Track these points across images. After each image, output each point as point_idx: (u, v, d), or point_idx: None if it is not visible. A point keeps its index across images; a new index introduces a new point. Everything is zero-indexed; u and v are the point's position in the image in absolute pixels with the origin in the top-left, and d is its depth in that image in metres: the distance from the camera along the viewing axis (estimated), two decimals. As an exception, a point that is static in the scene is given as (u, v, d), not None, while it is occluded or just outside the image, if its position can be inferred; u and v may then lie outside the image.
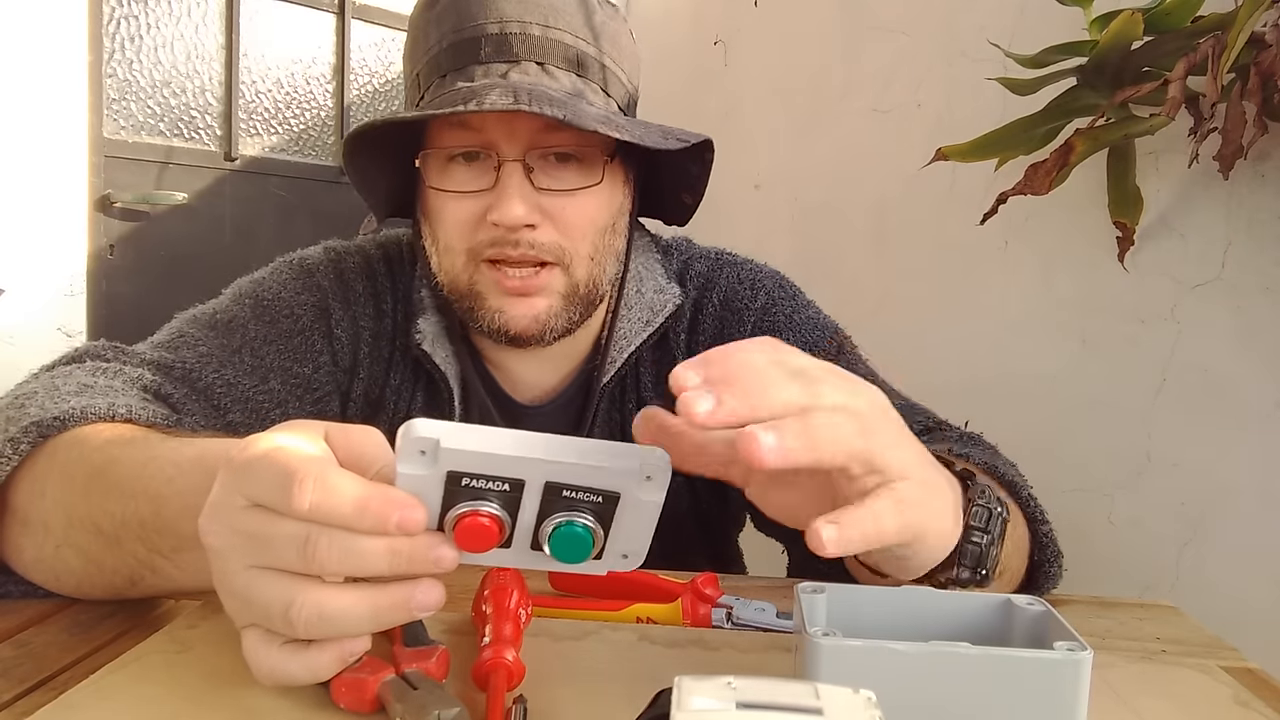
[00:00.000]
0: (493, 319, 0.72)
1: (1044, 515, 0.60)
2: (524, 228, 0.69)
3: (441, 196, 0.71)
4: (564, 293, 0.72)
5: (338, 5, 2.42)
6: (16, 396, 0.59)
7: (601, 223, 0.74)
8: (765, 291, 0.82)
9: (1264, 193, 1.23)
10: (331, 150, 2.46)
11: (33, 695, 0.43)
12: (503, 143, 0.69)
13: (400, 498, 0.37)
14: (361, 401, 0.80)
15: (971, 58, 1.64)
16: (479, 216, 0.70)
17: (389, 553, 0.37)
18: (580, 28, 0.73)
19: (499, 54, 0.70)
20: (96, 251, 2.05)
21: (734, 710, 0.27)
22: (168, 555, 0.49)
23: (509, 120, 0.68)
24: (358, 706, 0.40)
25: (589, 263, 0.73)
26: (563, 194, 0.70)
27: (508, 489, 0.38)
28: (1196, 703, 0.47)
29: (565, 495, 0.39)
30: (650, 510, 0.40)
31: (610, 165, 0.73)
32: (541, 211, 0.70)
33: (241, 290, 0.78)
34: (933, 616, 0.43)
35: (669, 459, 0.39)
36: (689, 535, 0.84)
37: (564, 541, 0.39)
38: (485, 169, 0.70)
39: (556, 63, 0.71)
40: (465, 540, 0.38)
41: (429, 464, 0.37)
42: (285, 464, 0.37)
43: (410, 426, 0.37)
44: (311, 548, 0.36)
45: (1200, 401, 1.31)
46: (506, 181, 0.68)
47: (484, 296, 0.72)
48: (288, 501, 0.36)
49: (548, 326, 0.72)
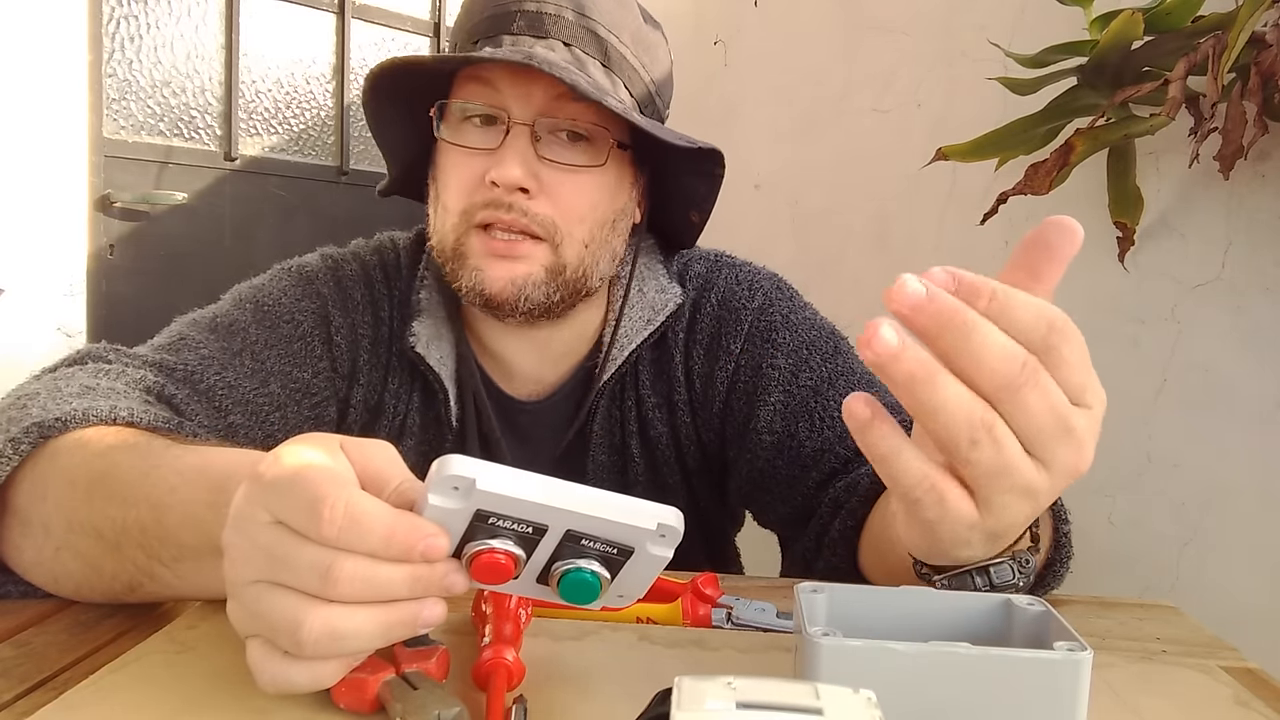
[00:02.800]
0: (471, 277, 0.72)
1: (1067, 515, 0.60)
2: (518, 191, 0.70)
3: (451, 152, 0.73)
4: (548, 267, 0.73)
5: (338, 5, 2.42)
6: (19, 397, 0.59)
7: (601, 212, 0.74)
8: (762, 292, 0.82)
9: (1264, 193, 1.23)
10: (331, 150, 2.46)
11: (33, 695, 0.43)
12: (515, 106, 0.71)
13: (427, 528, 0.37)
14: (361, 408, 0.80)
15: (971, 58, 1.64)
16: (479, 176, 0.71)
17: (411, 579, 0.38)
18: (617, 25, 0.75)
19: (531, 29, 0.72)
20: (96, 251, 2.05)
21: (734, 710, 0.27)
22: (168, 564, 0.49)
23: (524, 85, 0.70)
24: (358, 706, 0.40)
25: (581, 248, 0.74)
26: (564, 168, 0.72)
27: (530, 531, 0.39)
28: (1196, 703, 0.47)
29: (582, 543, 0.40)
30: (658, 564, 0.41)
31: (616, 154, 0.74)
32: (539, 181, 0.71)
33: (242, 295, 0.78)
34: (933, 616, 0.43)
35: (683, 518, 0.40)
36: (689, 535, 0.84)
37: (573, 586, 0.41)
38: (497, 132, 0.72)
39: (585, 48, 0.73)
40: (481, 574, 0.39)
41: (460, 499, 0.37)
42: (314, 487, 0.36)
43: (447, 462, 0.37)
44: (335, 575, 0.36)
45: (1200, 401, 1.31)
46: (511, 143, 0.70)
47: (467, 257, 0.73)
48: (316, 527, 0.36)
49: (524, 293, 0.72)
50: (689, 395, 0.81)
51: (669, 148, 0.73)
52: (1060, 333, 0.37)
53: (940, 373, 0.37)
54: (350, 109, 2.47)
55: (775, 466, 0.76)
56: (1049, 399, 0.37)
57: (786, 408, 0.77)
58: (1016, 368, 0.37)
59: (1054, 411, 0.38)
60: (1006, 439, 0.38)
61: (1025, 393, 0.37)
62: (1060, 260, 0.40)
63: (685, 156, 0.75)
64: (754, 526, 0.87)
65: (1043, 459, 0.39)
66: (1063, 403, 0.38)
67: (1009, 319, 0.37)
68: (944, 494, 0.39)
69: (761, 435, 0.77)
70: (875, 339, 0.35)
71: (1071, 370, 0.38)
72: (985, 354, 0.36)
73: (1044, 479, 0.39)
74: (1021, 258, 0.41)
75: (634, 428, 0.81)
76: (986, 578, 0.46)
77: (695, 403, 0.81)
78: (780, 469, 0.76)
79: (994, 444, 0.37)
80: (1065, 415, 0.38)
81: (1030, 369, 0.37)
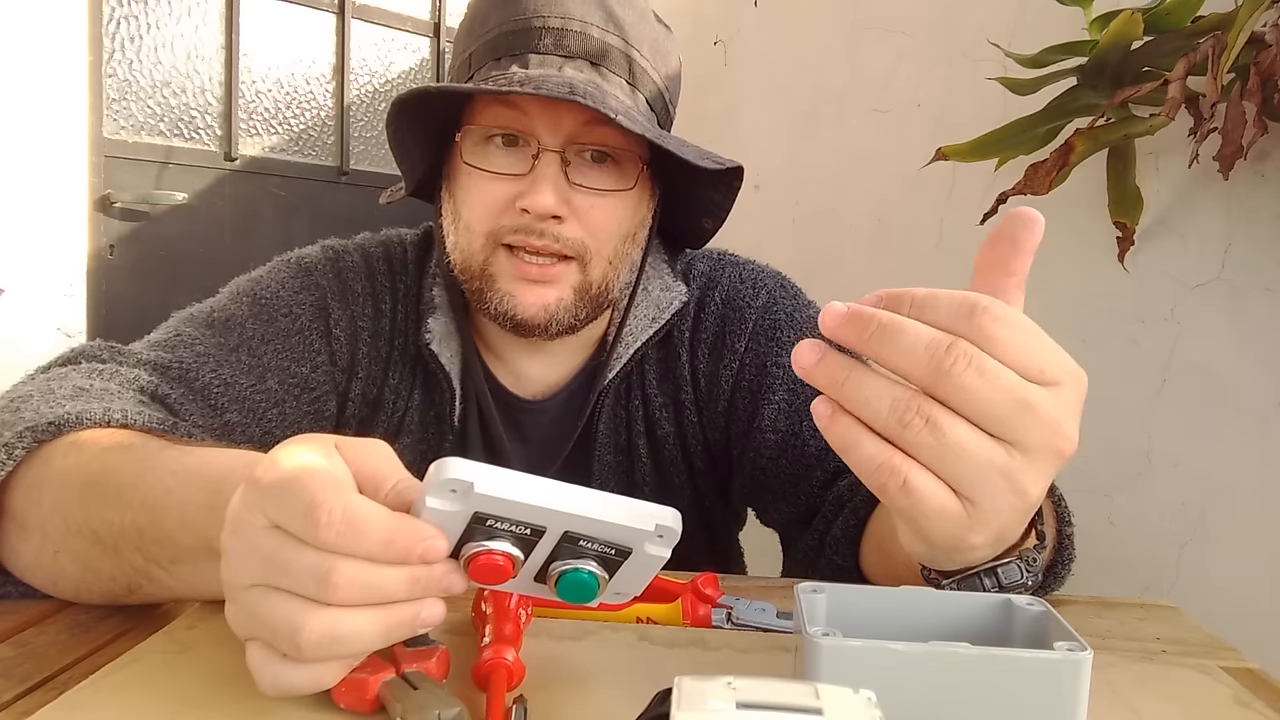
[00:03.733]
0: (502, 302, 0.72)
1: (1070, 518, 0.60)
2: (550, 219, 0.70)
3: (474, 175, 0.72)
4: (576, 288, 0.73)
5: (338, 5, 2.42)
6: (12, 399, 0.59)
7: (625, 229, 0.75)
8: (767, 291, 0.82)
9: (1264, 193, 1.23)
10: (331, 150, 2.46)
11: (33, 695, 0.43)
12: (544, 132, 0.70)
13: (425, 530, 0.37)
14: (360, 401, 0.80)
15: (971, 58, 1.64)
16: (508, 201, 0.71)
17: (409, 581, 0.38)
18: (639, 40, 0.74)
19: (557, 48, 0.71)
20: (96, 251, 2.05)
21: (734, 710, 0.27)
22: (165, 566, 0.49)
23: (555, 110, 0.70)
24: (358, 706, 0.40)
25: (606, 265, 0.74)
26: (594, 193, 0.72)
27: (528, 533, 0.39)
28: (1196, 703, 0.47)
29: (580, 544, 0.40)
30: (655, 564, 0.41)
31: (642, 174, 0.74)
32: (570, 206, 0.71)
33: (239, 289, 0.78)
34: (933, 616, 0.43)
35: (680, 519, 0.41)
36: (690, 534, 0.84)
37: (571, 586, 0.41)
38: (523, 156, 0.71)
39: (610, 66, 0.73)
40: (479, 575, 0.39)
41: (458, 502, 0.37)
42: (310, 491, 0.36)
43: (444, 465, 0.37)
44: (333, 580, 0.36)
45: (1200, 401, 1.31)
46: (542, 170, 0.70)
47: (496, 280, 0.73)
48: (312, 532, 0.36)
49: (555, 318, 0.73)
50: (694, 394, 0.81)
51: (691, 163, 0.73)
52: (986, 314, 0.38)
53: (856, 368, 0.39)
54: (350, 109, 2.47)
55: (779, 465, 0.76)
56: (990, 377, 0.38)
57: (791, 406, 0.77)
58: (941, 352, 0.38)
59: (1002, 389, 0.38)
60: (947, 421, 0.38)
61: (958, 373, 0.37)
62: (1026, 251, 0.41)
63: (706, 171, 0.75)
64: (756, 526, 0.87)
65: (1010, 440, 0.39)
66: (1014, 381, 0.38)
67: (931, 314, 0.38)
68: (905, 474, 0.39)
69: (766, 434, 0.77)
70: (797, 355, 0.40)
71: (1012, 349, 0.38)
72: (907, 345, 0.38)
73: (1018, 460, 0.39)
74: (990, 254, 0.42)
75: (640, 427, 0.81)
76: (995, 579, 0.46)
77: (701, 402, 0.81)
78: (784, 468, 0.76)
79: (930, 426, 0.38)
80: (1020, 393, 0.38)
81: (958, 351, 0.37)
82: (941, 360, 0.37)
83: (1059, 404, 0.39)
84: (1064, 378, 0.39)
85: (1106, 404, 1.41)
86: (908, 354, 0.38)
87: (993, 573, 0.46)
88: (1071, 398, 0.39)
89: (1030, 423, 0.38)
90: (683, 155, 0.71)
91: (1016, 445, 0.39)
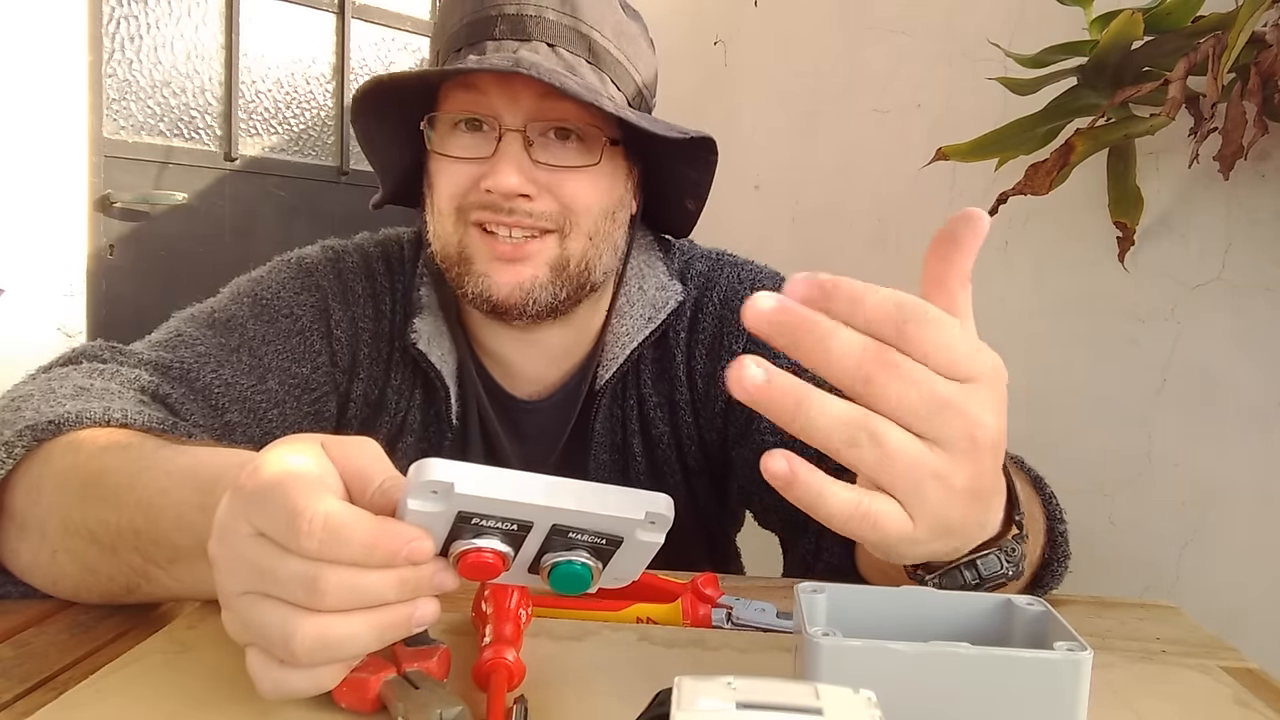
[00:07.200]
0: (478, 284, 0.73)
1: (1062, 515, 0.60)
2: (520, 197, 0.70)
3: (441, 161, 0.73)
4: (553, 264, 0.73)
5: (338, 5, 2.42)
6: (12, 399, 0.59)
7: (600, 206, 0.74)
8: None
9: (1264, 193, 1.23)
10: (331, 150, 2.46)
11: (33, 695, 0.43)
12: (504, 111, 0.70)
13: (409, 533, 0.37)
14: (361, 402, 0.80)
15: (971, 58, 1.64)
16: (473, 182, 0.71)
17: (397, 583, 0.37)
18: (598, 21, 0.74)
19: (513, 33, 0.72)
20: (96, 251, 2.05)
21: (734, 710, 0.27)
22: (163, 566, 0.49)
23: (511, 89, 0.70)
24: (359, 706, 0.40)
25: (586, 240, 0.74)
26: (560, 169, 0.72)
27: (515, 528, 0.39)
28: (1196, 703, 0.47)
29: (570, 535, 0.40)
30: (649, 550, 0.41)
31: (610, 150, 0.74)
32: (538, 184, 0.71)
33: (240, 289, 0.78)
34: (933, 616, 0.43)
35: (672, 504, 0.40)
36: (689, 535, 0.84)
37: (564, 578, 0.41)
38: (488, 138, 0.72)
39: (569, 47, 0.73)
40: (469, 572, 0.39)
41: (440, 503, 0.37)
42: (291, 499, 0.36)
43: (424, 467, 0.37)
44: (320, 587, 0.36)
45: (1200, 401, 1.31)
46: (504, 150, 0.70)
47: (472, 261, 0.73)
48: (295, 541, 0.36)
49: (531, 296, 0.72)
50: (691, 395, 0.81)
51: (661, 139, 0.73)
52: (909, 314, 0.38)
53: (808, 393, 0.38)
54: (350, 109, 2.47)
55: None
56: (908, 380, 0.38)
57: None
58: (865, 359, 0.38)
59: (919, 390, 0.38)
60: (883, 429, 0.38)
61: (879, 380, 0.38)
62: (966, 249, 0.41)
63: (678, 146, 0.75)
64: (754, 526, 0.87)
65: (932, 438, 0.39)
66: (928, 379, 0.38)
67: (862, 316, 0.38)
68: (876, 518, 0.39)
69: (764, 436, 0.76)
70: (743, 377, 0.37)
71: (931, 349, 0.38)
72: (832, 352, 0.38)
73: (944, 459, 0.39)
74: (933, 250, 0.42)
75: (635, 427, 0.81)
76: (975, 571, 0.46)
77: (697, 402, 0.81)
78: None
79: (871, 438, 0.38)
80: (935, 391, 0.38)
81: (874, 356, 0.38)
82: (863, 366, 0.38)
83: (973, 397, 0.39)
84: (978, 373, 0.40)
85: (1106, 404, 1.41)
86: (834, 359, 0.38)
87: (972, 565, 0.46)
88: (988, 391, 0.40)
89: (948, 418, 0.39)
90: (641, 125, 0.71)
91: (937, 442, 0.39)
